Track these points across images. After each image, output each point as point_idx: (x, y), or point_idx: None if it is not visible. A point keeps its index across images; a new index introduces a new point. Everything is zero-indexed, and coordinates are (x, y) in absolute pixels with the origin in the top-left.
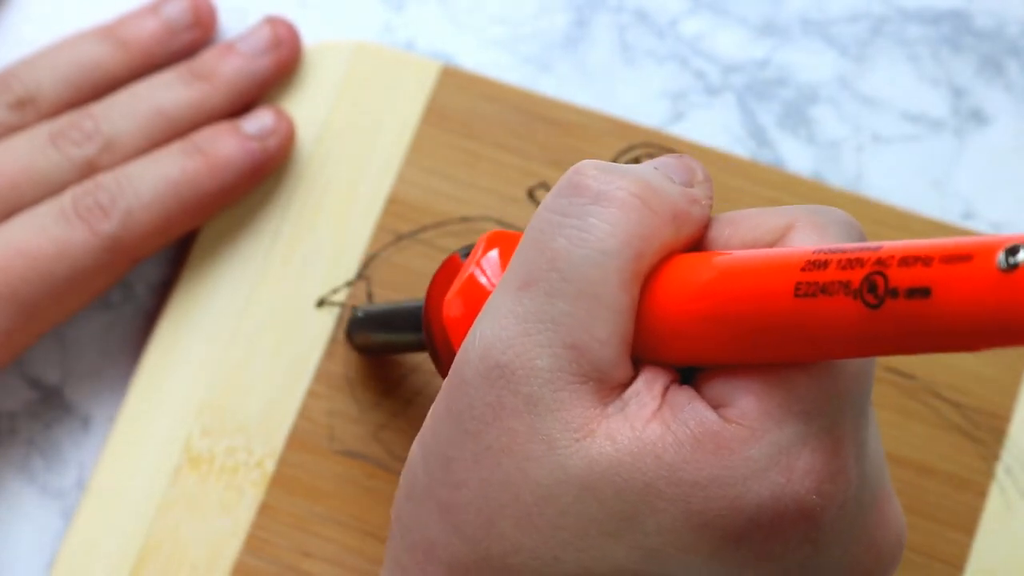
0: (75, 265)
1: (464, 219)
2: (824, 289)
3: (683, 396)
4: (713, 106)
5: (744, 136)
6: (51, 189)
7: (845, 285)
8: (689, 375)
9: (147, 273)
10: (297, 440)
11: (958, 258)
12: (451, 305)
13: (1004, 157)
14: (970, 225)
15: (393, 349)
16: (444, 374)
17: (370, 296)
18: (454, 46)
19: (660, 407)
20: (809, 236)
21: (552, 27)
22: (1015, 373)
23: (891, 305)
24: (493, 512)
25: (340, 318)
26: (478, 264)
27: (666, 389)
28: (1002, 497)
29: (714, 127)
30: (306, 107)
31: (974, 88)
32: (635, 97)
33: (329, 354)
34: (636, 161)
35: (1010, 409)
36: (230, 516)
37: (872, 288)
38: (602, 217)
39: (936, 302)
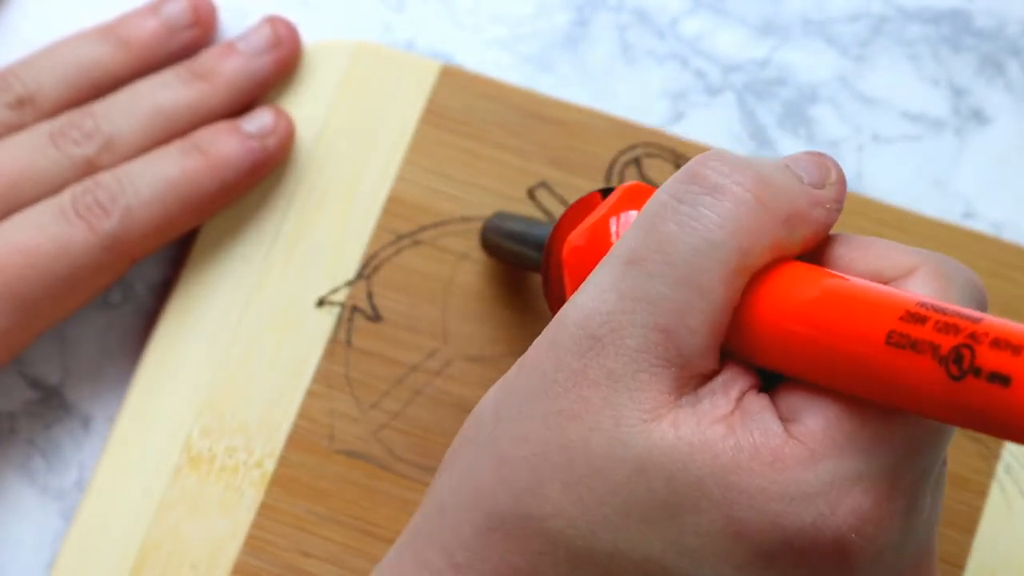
0: (74, 264)
1: (464, 219)
2: (914, 345)
3: (757, 404)
4: (713, 106)
5: (744, 136)
6: (51, 188)
7: (935, 348)
8: (772, 379)
9: (147, 273)
10: (297, 440)
11: None
12: (573, 242)
13: (1004, 157)
14: (970, 225)
15: (514, 261)
16: (549, 301)
17: (371, 296)
18: (454, 46)
19: (733, 411)
20: (928, 285)
21: (552, 27)
22: None
23: (972, 382)
24: (545, 473)
25: (340, 318)
26: (615, 214)
27: (744, 393)
28: (1002, 496)
29: (714, 127)
30: (306, 107)
31: (974, 88)
32: (635, 97)
33: (329, 354)
34: (636, 162)
35: None
36: (230, 516)
37: (958, 360)
38: (714, 208)
39: (1014, 393)
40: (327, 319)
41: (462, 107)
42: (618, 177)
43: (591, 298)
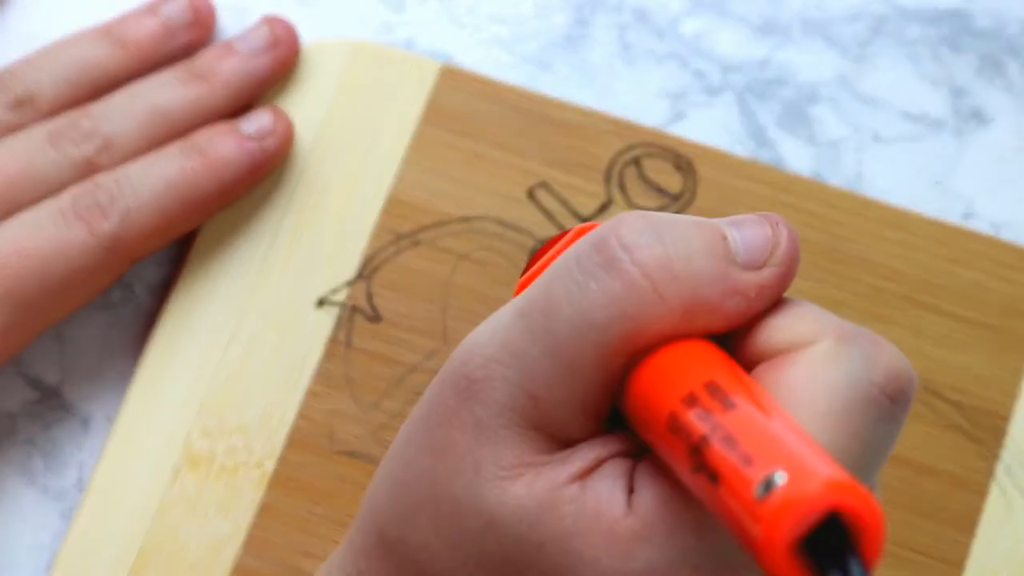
0: (73, 265)
1: (464, 219)
2: (678, 431)
3: (612, 469)
4: (713, 106)
5: (744, 136)
6: (50, 189)
7: (687, 436)
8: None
9: (147, 273)
10: (297, 440)
11: (744, 462)
12: (527, 276)
13: (1004, 157)
14: (970, 225)
15: None
16: None
17: (370, 296)
18: (454, 45)
19: (588, 471)
20: (807, 365)
21: (552, 27)
22: (1015, 373)
23: (701, 476)
24: (419, 503)
25: (340, 318)
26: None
27: (607, 458)
28: (1002, 497)
29: (714, 127)
30: (305, 107)
31: (974, 88)
32: (635, 97)
33: (329, 354)
34: (636, 162)
35: (1010, 409)
36: (230, 516)
37: (696, 451)
38: (602, 286)
39: (721, 492)
40: (327, 319)
41: (462, 107)
42: (618, 177)
43: (480, 337)
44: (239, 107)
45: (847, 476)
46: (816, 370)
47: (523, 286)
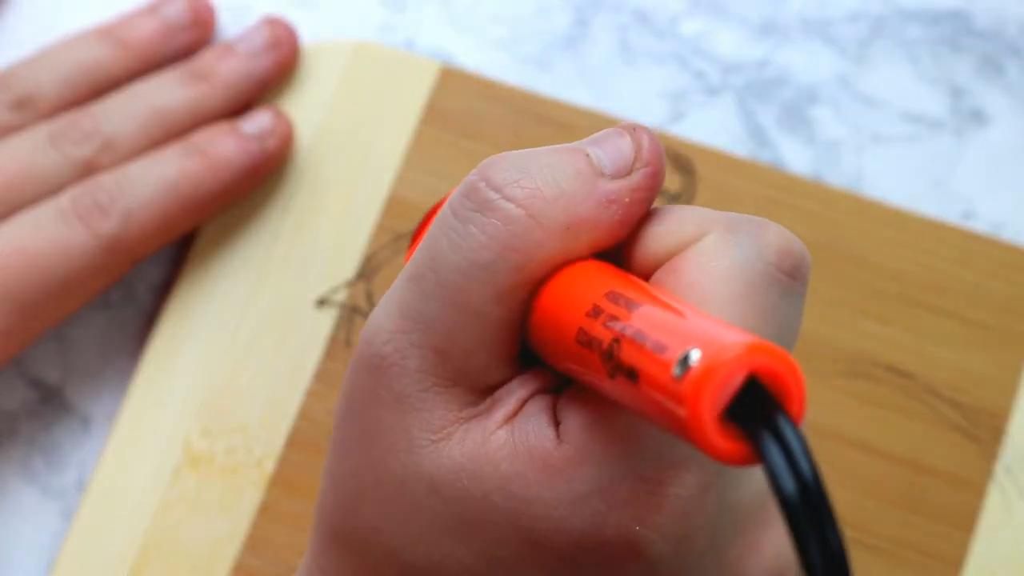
0: (73, 265)
1: None
2: (589, 343)
3: (535, 407)
4: (713, 106)
5: (744, 136)
6: (50, 189)
7: (599, 344)
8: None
9: (147, 273)
10: (297, 440)
11: (658, 349)
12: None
13: (1004, 157)
14: (970, 225)
15: None
16: None
17: (370, 296)
18: (453, 46)
19: (513, 415)
20: (697, 256)
21: (552, 27)
22: (1014, 372)
23: (619, 378)
24: (361, 491)
25: (340, 318)
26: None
27: (528, 397)
28: (1001, 496)
29: (714, 127)
30: (305, 107)
31: (974, 88)
32: (635, 97)
33: (329, 354)
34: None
35: (1009, 408)
36: (230, 516)
37: (609, 356)
38: (481, 227)
39: (642, 387)
40: (327, 319)
41: (461, 107)
42: None
43: (378, 314)
44: (239, 107)
45: (760, 339)
46: (708, 261)
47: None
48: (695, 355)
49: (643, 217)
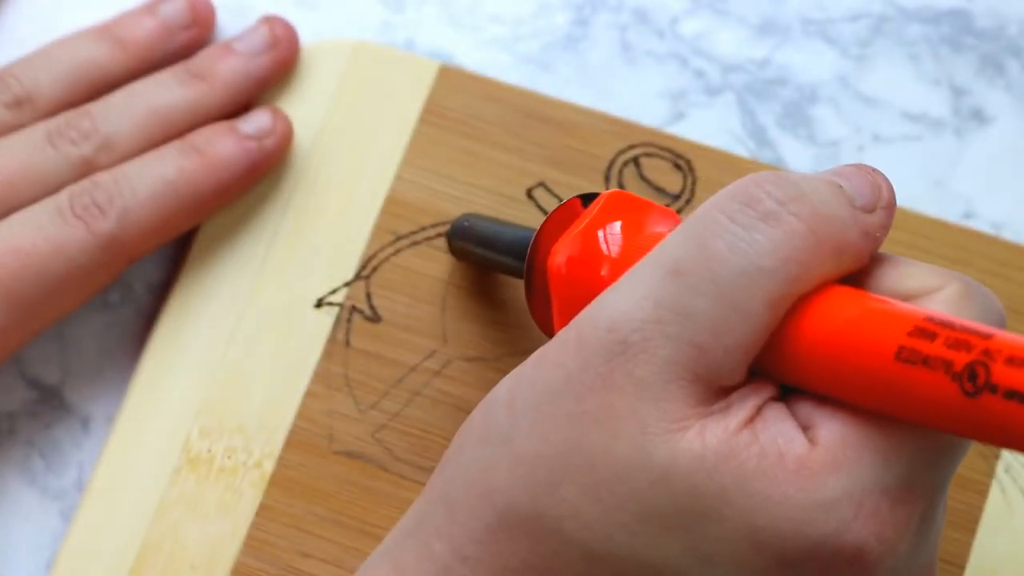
0: (71, 264)
1: None
2: (926, 361)
3: (777, 411)
4: (713, 106)
5: (744, 136)
6: (48, 188)
7: (947, 364)
8: (787, 390)
9: (147, 273)
10: (296, 440)
11: None
12: (559, 254)
13: (1005, 157)
14: (970, 225)
15: (489, 265)
16: (532, 310)
17: (369, 296)
18: (453, 45)
19: (754, 418)
20: (950, 303)
21: (552, 27)
22: None
23: (988, 399)
24: (564, 475)
25: (339, 318)
26: (600, 225)
27: (764, 403)
28: (1003, 496)
29: (714, 127)
30: (304, 107)
31: (975, 88)
32: (635, 97)
33: (328, 354)
34: (635, 161)
35: None
36: (229, 517)
37: (972, 377)
38: (767, 235)
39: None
40: (326, 319)
41: (461, 107)
42: (617, 177)
43: (626, 301)
44: (238, 107)
45: None
46: (956, 310)
47: (547, 240)
48: None
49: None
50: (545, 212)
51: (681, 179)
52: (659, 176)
